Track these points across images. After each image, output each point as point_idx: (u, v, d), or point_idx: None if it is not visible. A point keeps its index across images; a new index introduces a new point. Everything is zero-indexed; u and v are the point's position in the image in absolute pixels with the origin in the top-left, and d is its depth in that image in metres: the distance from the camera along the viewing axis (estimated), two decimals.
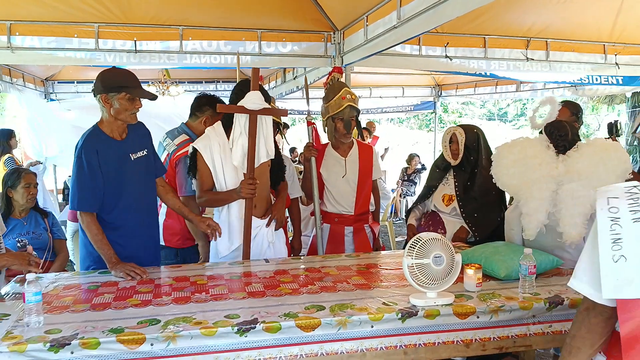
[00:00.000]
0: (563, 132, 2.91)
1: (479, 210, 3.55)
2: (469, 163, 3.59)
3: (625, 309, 1.45)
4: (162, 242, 3.57)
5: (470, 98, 11.40)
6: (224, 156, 3.19)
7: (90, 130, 2.92)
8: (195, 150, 3.21)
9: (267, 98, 3.29)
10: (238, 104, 3.16)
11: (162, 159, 3.49)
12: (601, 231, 1.50)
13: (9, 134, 7.13)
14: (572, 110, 4.29)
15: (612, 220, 1.50)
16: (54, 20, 4.87)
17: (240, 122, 3.16)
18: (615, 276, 1.45)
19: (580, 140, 2.98)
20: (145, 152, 3.06)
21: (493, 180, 3.14)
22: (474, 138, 3.60)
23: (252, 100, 3.14)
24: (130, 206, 2.97)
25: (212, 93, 3.89)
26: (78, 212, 2.86)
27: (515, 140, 3.10)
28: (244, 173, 3.16)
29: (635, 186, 1.54)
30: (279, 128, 3.92)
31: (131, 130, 3.01)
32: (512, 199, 4.33)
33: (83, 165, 2.81)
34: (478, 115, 27.74)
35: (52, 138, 9.09)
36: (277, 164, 3.45)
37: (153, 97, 2.93)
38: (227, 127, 3.22)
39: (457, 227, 3.59)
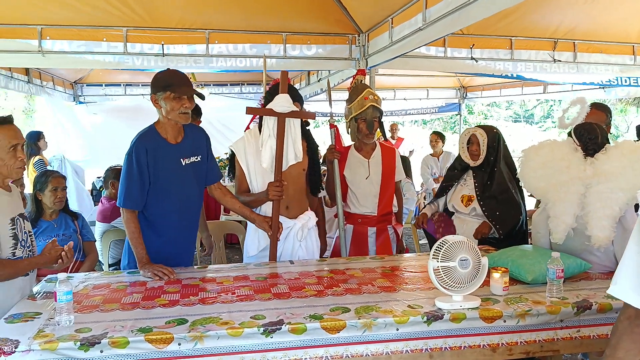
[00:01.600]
0: (593, 135, 2.87)
1: (500, 208, 3.57)
2: (488, 163, 3.60)
3: None
4: None
5: (496, 99, 11.28)
6: (257, 158, 3.25)
7: (145, 130, 2.96)
8: (233, 152, 3.29)
9: (299, 98, 3.32)
10: (267, 107, 3.20)
11: None
12: None
13: (37, 136, 7.25)
14: (604, 112, 4.20)
15: None
16: (83, 25, 4.97)
17: (269, 124, 3.20)
18: None
19: (609, 143, 2.93)
20: (198, 158, 3.05)
21: (517, 176, 3.12)
22: (494, 138, 3.63)
23: (280, 103, 3.18)
24: (174, 209, 2.98)
25: (236, 96, 3.96)
26: (121, 207, 2.91)
27: (542, 143, 3.07)
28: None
29: None
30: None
31: (188, 134, 3.02)
32: (538, 201, 4.29)
33: (132, 163, 2.85)
34: (504, 117, 27.42)
35: (79, 141, 9.28)
36: (313, 168, 3.49)
37: (201, 96, 2.92)
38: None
39: (476, 227, 3.63)
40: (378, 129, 3.85)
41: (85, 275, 2.95)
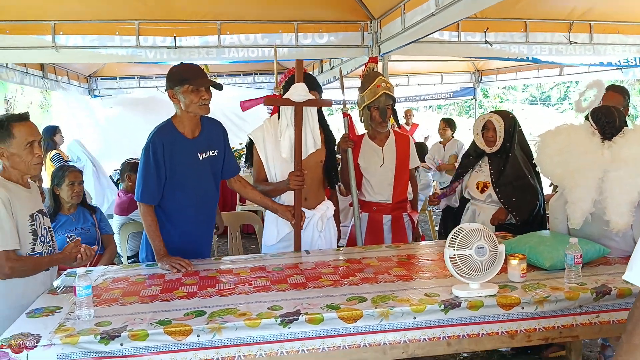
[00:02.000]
0: (611, 119, 2.83)
1: (516, 194, 3.54)
2: (504, 149, 3.56)
3: None
4: None
5: (512, 83, 11.15)
6: (276, 147, 3.26)
7: (162, 124, 2.96)
8: (251, 140, 3.29)
9: (317, 87, 3.34)
10: (283, 97, 3.21)
11: None
12: None
13: (53, 130, 7.30)
14: (621, 95, 4.10)
15: None
16: (95, 19, 4.99)
17: (287, 114, 3.21)
18: None
19: (627, 125, 2.89)
20: (215, 152, 3.05)
21: (533, 161, 3.08)
22: (510, 124, 3.58)
23: (297, 92, 3.19)
24: (190, 203, 2.99)
25: (249, 86, 3.96)
26: (138, 201, 2.93)
27: (559, 128, 3.03)
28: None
29: None
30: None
31: (205, 128, 3.02)
32: (555, 187, 4.25)
33: (149, 157, 2.86)
34: (520, 99, 27.11)
35: (94, 135, 9.34)
36: (330, 160, 3.49)
37: (218, 87, 2.91)
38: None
39: (492, 214, 3.61)
40: (391, 117, 3.83)
41: (104, 268, 2.98)
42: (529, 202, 3.55)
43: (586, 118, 3.00)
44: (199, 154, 2.97)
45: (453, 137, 8.13)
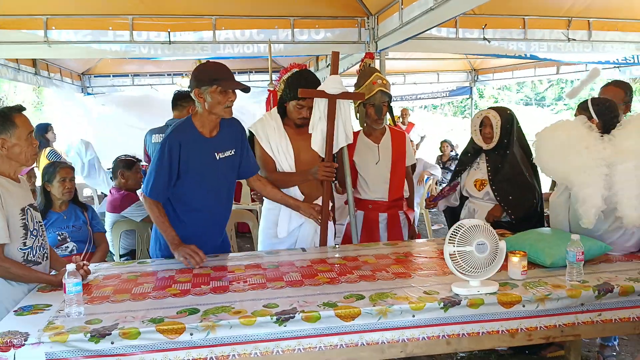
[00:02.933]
0: (615, 114, 2.80)
1: (513, 192, 3.48)
2: (501, 146, 3.51)
3: None
4: None
5: (508, 82, 11.14)
6: (279, 140, 3.24)
7: (181, 122, 2.89)
8: (252, 133, 3.26)
9: (318, 84, 3.31)
10: (318, 89, 3.21)
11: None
12: None
13: (45, 128, 7.23)
14: (624, 90, 4.02)
15: None
16: (89, 14, 4.93)
17: (320, 106, 3.21)
18: None
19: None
20: (232, 152, 2.98)
21: (532, 159, 3.04)
22: (508, 120, 3.52)
23: (332, 84, 3.19)
24: (205, 203, 2.93)
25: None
26: (145, 195, 2.86)
27: (555, 125, 2.98)
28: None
29: None
30: None
31: (223, 128, 2.93)
32: (554, 183, 4.19)
33: (164, 154, 2.78)
34: (515, 100, 27.14)
35: (87, 133, 9.27)
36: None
37: (246, 89, 2.83)
38: (282, 113, 3.30)
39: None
40: (387, 114, 3.78)
41: (95, 266, 2.91)
42: (526, 200, 3.50)
43: (579, 110, 2.96)
44: (216, 154, 2.90)
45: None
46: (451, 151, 10.62)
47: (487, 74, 10.93)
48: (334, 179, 3.21)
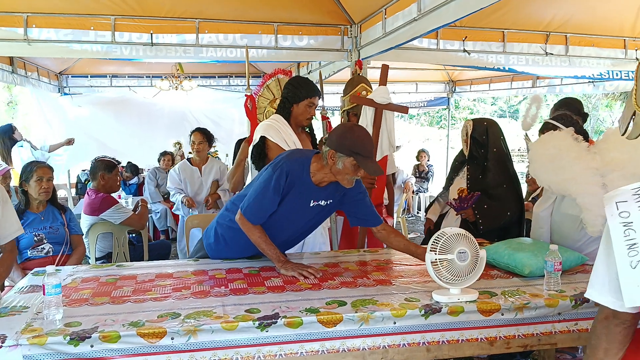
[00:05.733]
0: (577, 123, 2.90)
1: (488, 202, 3.50)
2: (479, 156, 3.55)
3: None
4: None
5: (484, 94, 11.30)
6: (294, 143, 3.26)
7: (300, 156, 2.75)
8: (263, 139, 3.21)
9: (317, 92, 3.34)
10: (368, 97, 3.33)
11: None
12: (615, 238, 1.45)
13: (9, 130, 7.11)
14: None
15: (624, 226, 1.44)
16: (70, 13, 4.87)
17: (367, 115, 3.34)
18: (635, 282, 1.39)
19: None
20: (330, 202, 2.82)
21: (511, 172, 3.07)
22: (482, 131, 3.55)
23: (381, 94, 3.33)
24: (273, 230, 2.79)
25: (224, 88, 3.95)
26: (242, 214, 2.72)
27: (544, 137, 3.05)
28: None
29: None
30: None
31: (332, 184, 2.76)
32: (528, 194, 4.24)
33: (271, 180, 2.64)
34: (489, 112, 27.52)
35: (62, 133, 9.16)
36: None
37: (379, 172, 2.66)
38: (285, 118, 3.31)
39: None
40: None
41: (73, 268, 2.87)
42: (499, 213, 3.51)
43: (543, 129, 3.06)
44: (311, 200, 2.77)
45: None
46: (427, 161, 10.73)
47: (464, 86, 11.07)
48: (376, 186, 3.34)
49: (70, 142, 7.86)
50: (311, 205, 2.77)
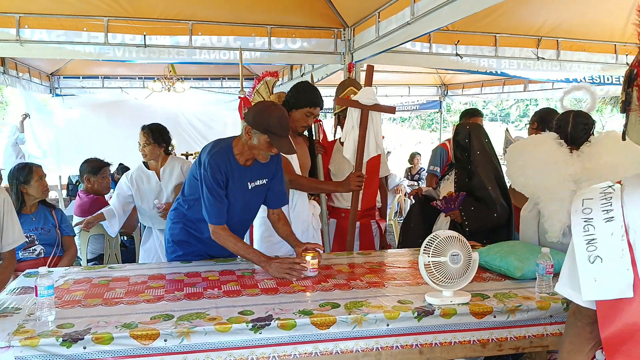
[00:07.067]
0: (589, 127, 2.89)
1: (475, 204, 3.52)
2: (463, 159, 3.57)
3: (604, 310, 1.42)
4: None
5: (476, 98, 11.36)
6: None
7: (220, 147, 2.82)
8: None
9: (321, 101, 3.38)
10: (353, 98, 3.30)
11: None
12: (575, 233, 1.48)
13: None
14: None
15: (585, 221, 1.47)
16: (63, 14, 4.85)
17: (353, 116, 3.30)
18: (592, 277, 1.42)
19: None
20: (264, 181, 2.95)
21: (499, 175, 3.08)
22: (464, 135, 3.56)
23: (367, 95, 3.28)
24: (229, 226, 2.86)
25: (216, 91, 3.92)
26: (210, 225, 2.78)
27: (524, 140, 3.07)
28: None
29: (610, 186, 1.49)
30: None
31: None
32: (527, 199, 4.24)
33: (210, 180, 2.73)
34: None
35: (50, 136, 9.13)
36: (315, 166, 3.61)
37: (291, 152, 2.78)
38: None
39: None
40: None
41: (65, 270, 2.86)
42: (485, 214, 3.52)
43: (547, 129, 3.05)
44: (249, 183, 2.88)
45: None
46: (420, 164, 10.77)
47: (456, 89, 11.12)
48: (362, 188, 3.36)
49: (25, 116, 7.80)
50: (250, 187, 2.89)
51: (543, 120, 3.97)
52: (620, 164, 2.65)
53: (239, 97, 3.83)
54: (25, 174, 3.65)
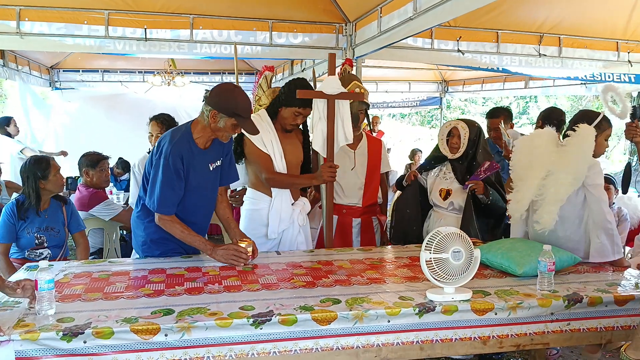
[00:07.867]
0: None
1: (491, 189, 3.51)
2: (467, 156, 3.56)
3: None
4: None
5: (477, 95, 11.35)
6: (272, 141, 3.27)
7: (180, 134, 2.82)
8: (241, 135, 3.25)
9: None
10: (317, 89, 3.25)
11: None
12: None
13: (6, 121, 7.09)
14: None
15: None
16: (63, 7, 4.83)
17: (319, 107, 3.26)
18: None
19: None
20: (220, 162, 2.99)
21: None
22: (475, 133, 3.56)
23: (330, 85, 3.24)
24: (196, 211, 2.93)
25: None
26: (157, 213, 2.79)
27: (531, 133, 3.15)
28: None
29: None
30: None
31: (215, 140, 2.92)
32: None
33: (170, 169, 2.72)
34: (480, 112, 27.59)
35: (48, 129, 9.10)
36: (307, 161, 3.55)
37: (255, 132, 2.86)
38: (272, 115, 3.33)
39: (453, 222, 3.51)
40: (364, 121, 3.81)
41: (65, 263, 2.86)
42: (497, 199, 3.52)
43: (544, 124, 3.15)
44: (209, 165, 2.91)
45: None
46: (420, 160, 10.76)
47: (456, 86, 11.10)
48: (335, 179, 3.34)
49: (63, 153, 7.79)
50: (211, 169, 2.93)
51: (546, 118, 4.02)
52: (574, 159, 2.81)
53: None
54: (44, 169, 3.50)
